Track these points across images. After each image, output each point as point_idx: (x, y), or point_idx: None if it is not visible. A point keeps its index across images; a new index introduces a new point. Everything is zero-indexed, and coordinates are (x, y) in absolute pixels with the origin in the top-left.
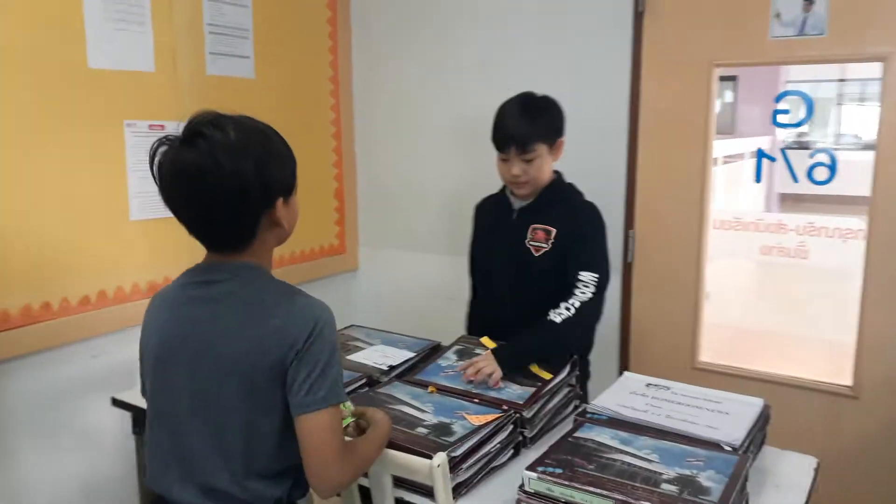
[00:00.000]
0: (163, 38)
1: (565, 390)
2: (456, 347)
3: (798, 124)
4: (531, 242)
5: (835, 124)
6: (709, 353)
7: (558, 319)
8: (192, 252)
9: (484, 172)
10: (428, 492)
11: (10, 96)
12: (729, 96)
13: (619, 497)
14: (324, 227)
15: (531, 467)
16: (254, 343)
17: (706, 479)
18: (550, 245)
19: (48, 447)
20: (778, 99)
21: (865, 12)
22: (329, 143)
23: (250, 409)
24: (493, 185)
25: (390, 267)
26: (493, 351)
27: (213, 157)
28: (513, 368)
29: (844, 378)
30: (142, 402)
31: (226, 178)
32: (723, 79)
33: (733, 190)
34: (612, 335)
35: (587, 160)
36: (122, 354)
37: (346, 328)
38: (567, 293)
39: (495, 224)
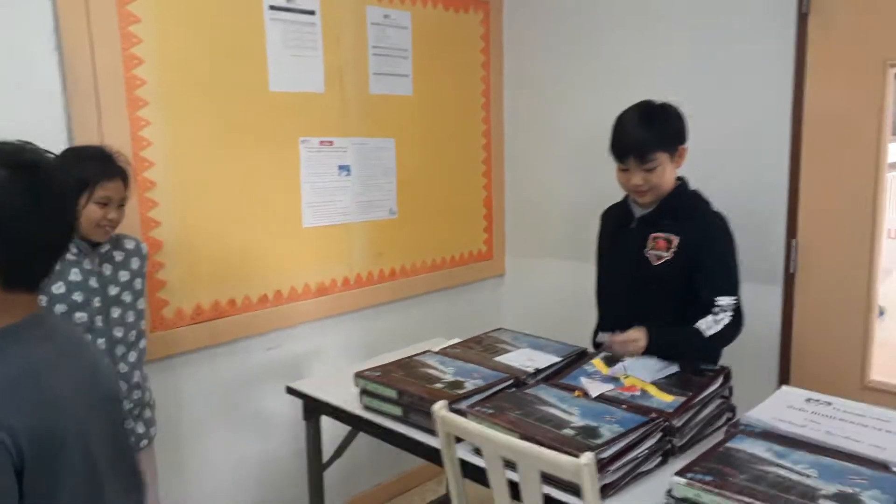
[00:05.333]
0: (332, 62)
1: (717, 402)
2: (603, 354)
3: None
4: (650, 251)
5: None
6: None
7: (707, 333)
8: (352, 256)
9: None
10: (574, 490)
11: (204, 118)
12: None
13: None
14: (473, 234)
15: (680, 473)
16: None
17: (870, 498)
18: (672, 254)
19: (229, 429)
20: None
21: None
22: (479, 155)
23: None
24: None
25: (535, 273)
26: (647, 328)
27: None
28: (653, 350)
29: None
30: (313, 391)
31: None
32: None
33: None
34: (772, 349)
35: (746, 167)
36: (294, 348)
37: (494, 331)
38: (706, 311)
39: (616, 232)
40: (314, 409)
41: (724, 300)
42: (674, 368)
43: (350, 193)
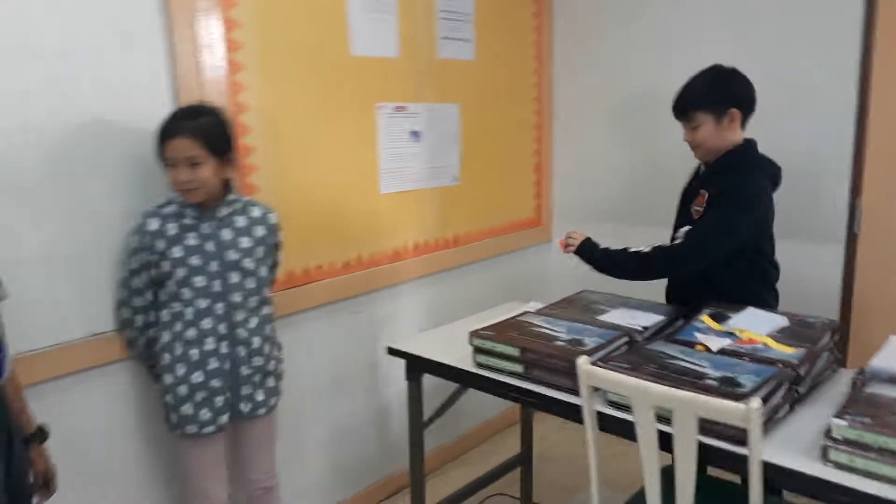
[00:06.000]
0: (405, 26)
1: (825, 354)
2: (710, 311)
3: None
4: (694, 207)
5: None
6: None
7: (631, 249)
8: (426, 221)
9: (678, 146)
10: (724, 436)
11: (294, 83)
12: None
13: None
14: (523, 200)
15: (838, 416)
16: None
17: None
18: (703, 209)
19: (320, 391)
20: None
21: None
22: (531, 121)
23: None
24: (685, 158)
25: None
26: (586, 241)
27: None
28: (581, 255)
29: None
30: (415, 350)
31: None
32: None
33: None
34: (831, 308)
35: (810, 127)
36: (375, 312)
37: (579, 293)
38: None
39: (686, 191)
40: (417, 368)
41: (686, 230)
42: (784, 322)
43: (420, 160)
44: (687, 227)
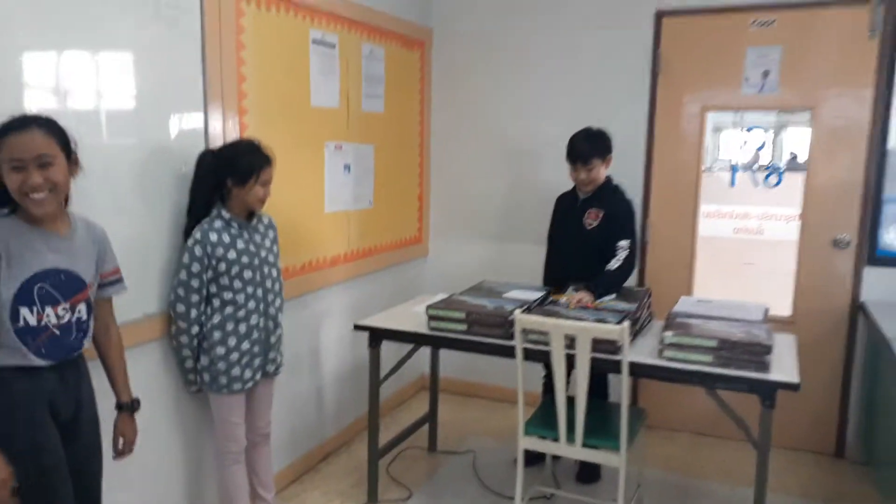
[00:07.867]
0: (344, 85)
1: (646, 308)
2: (571, 287)
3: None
4: (586, 220)
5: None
6: None
7: (612, 267)
8: (352, 236)
9: (527, 181)
10: (607, 350)
11: (275, 125)
12: None
13: None
14: (408, 222)
15: (666, 330)
16: None
17: None
18: (599, 221)
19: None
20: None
21: (801, 79)
22: (416, 160)
23: None
24: (535, 189)
25: (453, 252)
26: (586, 287)
27: None
28: (600, 295)
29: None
30: (379, 325)
31: None
32: None
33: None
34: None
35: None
36: (319, 307)
37: (480, 282)
38: (612, 255)
39: (567, 210)
40: (379, 337)
41: (622, 243)
42: (614, 294)
43: (349, 187)
44: (625, 240)
